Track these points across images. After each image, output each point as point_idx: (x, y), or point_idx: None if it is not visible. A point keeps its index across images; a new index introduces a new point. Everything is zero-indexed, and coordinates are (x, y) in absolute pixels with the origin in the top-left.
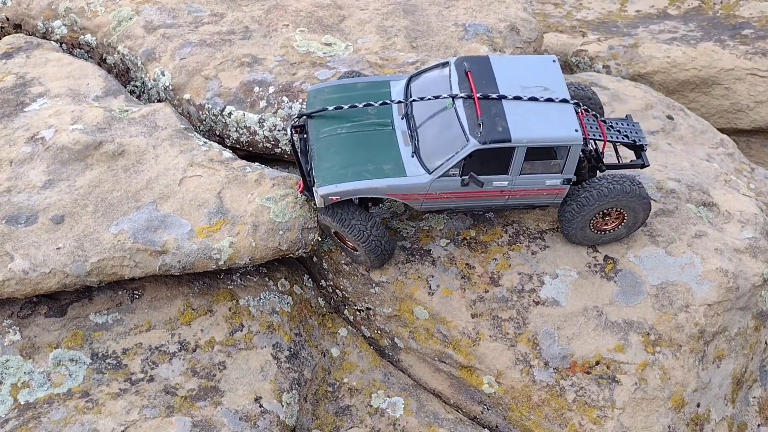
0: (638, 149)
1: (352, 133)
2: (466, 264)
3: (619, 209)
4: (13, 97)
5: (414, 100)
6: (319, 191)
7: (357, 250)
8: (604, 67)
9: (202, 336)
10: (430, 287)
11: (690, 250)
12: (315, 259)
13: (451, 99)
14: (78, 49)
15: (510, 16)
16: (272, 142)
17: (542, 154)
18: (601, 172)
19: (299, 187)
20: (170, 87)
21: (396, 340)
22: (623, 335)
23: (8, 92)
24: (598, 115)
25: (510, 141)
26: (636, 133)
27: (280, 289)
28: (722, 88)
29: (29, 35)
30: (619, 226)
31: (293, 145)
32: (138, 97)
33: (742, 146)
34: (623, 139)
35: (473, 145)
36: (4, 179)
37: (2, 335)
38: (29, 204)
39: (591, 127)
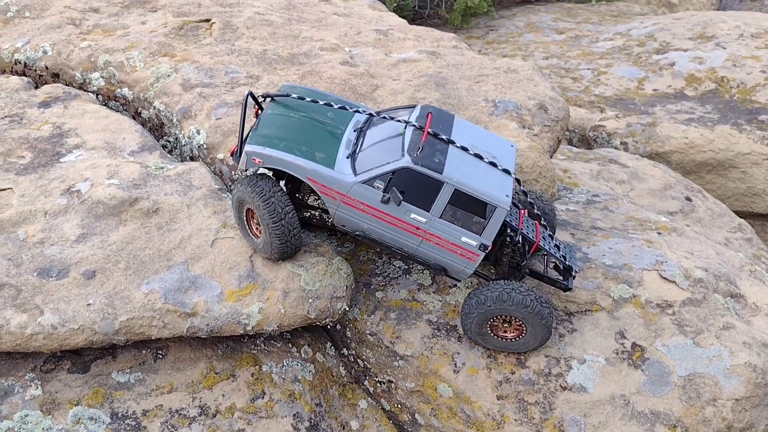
0: (567, 271)
1: (302, 120)
2: None
3: (519, 320)
4: (50, 147)
5: (372, 114)
6: (246, 148)
7: (259, 236)
8: (621, 143)
9: (223, 401)
10: (455, 364)
11: (718, 342)
12: (338, 326)
13: (403, 125)
14: (113, 101)
15: (539, 94)
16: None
17: (467, 206)
18: (520, 272)
19: (231, 151)
20: (204, 145)
21: (417, 416)
22: (650, 426)
23: (45, 142)
24: (545, 225)
25: (441, 173)
26: (572, 257)
27: (302, 356)
28: (739, 171)
29: (67, 85)
30: (519, 338)
31: (243, 111)
32: (170, 152)
33: (757, 230)
34: (557, 253)
35: (405, 161)
36: (38, 230)
37: (24, 389)
38: (62, 257)
39: (528, 227)
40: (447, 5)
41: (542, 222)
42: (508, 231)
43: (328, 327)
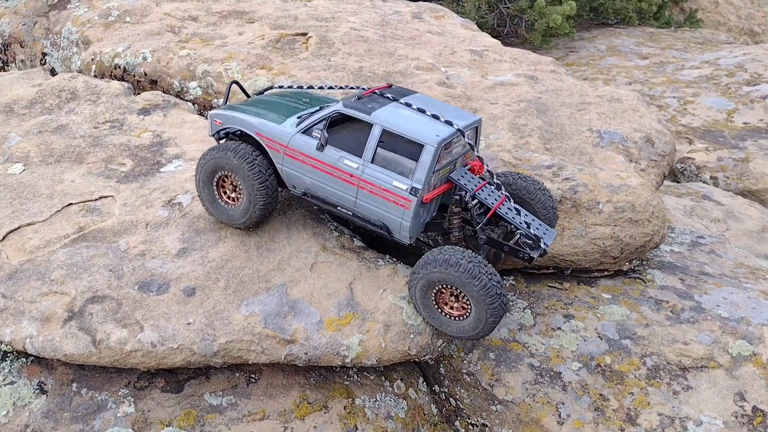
0: (536, 241)
1: (274, 101)
2: (600, 395)
3: (465, 296)
4: (150, 155)
5: (321, 87)
6: (210, 112)
7: (235, 203)
8: (711, 178)
9: None
10: (559, 415)
11: None
12: (431, 362)
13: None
14: (208, 111)
15: (645, 126)
16: None
17: (398, 150)
18: (476, 240)
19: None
20: None
21: None
22: None
23: (146, 150)
24: (509, 196)
25: (369, 115)
26: (544, 231)
27: (395, 391)
28: None
29: (164, 92)
30: (464, 317)
31: (225, 98)
32: None
33: None
34: (517, 219)
35: (338, 106)
36: (139, 242)
37: (117, 405)
38: (162, 271)
39: (491, 194)
40: (527, 24)
41: (506, 193)
42: (458, 191)
43: (421, 361)
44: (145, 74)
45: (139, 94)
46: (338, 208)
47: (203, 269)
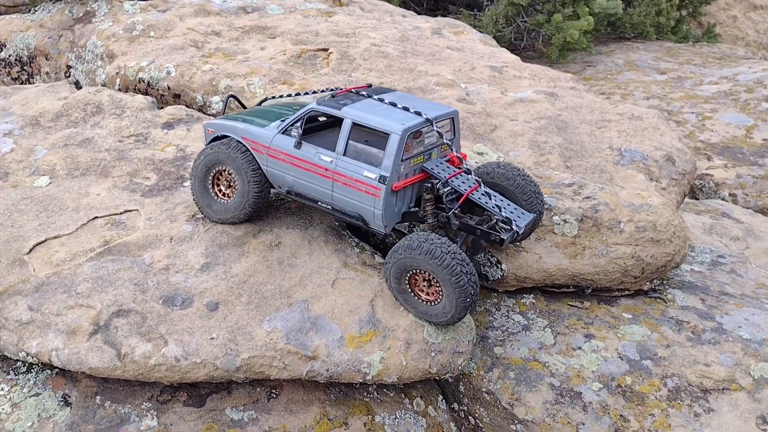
0: (507, 223)
1: (263, 109)
2: (621, 416)
3: (437, 280)
4: (174, 170)
5: (315, 92)
6: (204, 122)
7: (230, 198)
8: (730, 195)
9: None
10: None
11: None
12: (451, 380)
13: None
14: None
15: (665, 144)
16: None
17: (367, 141)
18: (450, 225)
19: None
20: None
21: None
22: None
23: (170, 164)
24: (480, 182)
25: (339, 110)
26: (518, 216)
27: (415, 408)
28: None
29: (188, 107)
30: (437, 302)
31: (223, 110)
32: None
33: None
34: (495, 209)
35: (312, 105)
36: (163, 256)
37: (140, 418)
38: (186, 286)
39: (464, 182)
40: (544, 39)
41: (478, 178)
42: (432, 180)
43: (440, 379)
44: (169, 88)
45: (162, 108)
46: (319, 203)
47: (226, 284)
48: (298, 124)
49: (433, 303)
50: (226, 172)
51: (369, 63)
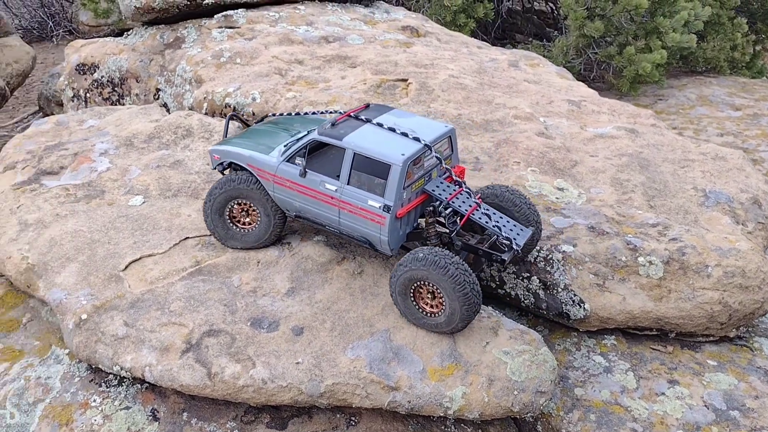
0: (509, 243)
1: (268, 129)
2: None
3: (435, 287)
4: None
5: (315, 113)
6: (209, 148)
7: (252, 225)
8: None
9: None
10: None
11: None
12: (530, 419)
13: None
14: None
15: (751, 187)
16: (497, 282)
17: (370, 170)
18: (453, 245)
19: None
20: None
21: None
22: None
23: None
24: (486, 206)
25: (341, 140)
26: (517, 233)
27: None
28: None
29: None
30: (440, 313)
31: (225, 129)
32: None
33: None
34: (489, 223)
35: (313, 134)
36: (251, 278)
37: None
38: (272, 309)
39: (464, 202)
40: (615, 71)
41: (479, 200)
42: (434, 202)
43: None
44: (254, 114)
45: None
46: (327, 227)
47: (311, 309)
48: (302, 153)
49: (435, 315)
50: (243, 203)
51: (447, 94)
